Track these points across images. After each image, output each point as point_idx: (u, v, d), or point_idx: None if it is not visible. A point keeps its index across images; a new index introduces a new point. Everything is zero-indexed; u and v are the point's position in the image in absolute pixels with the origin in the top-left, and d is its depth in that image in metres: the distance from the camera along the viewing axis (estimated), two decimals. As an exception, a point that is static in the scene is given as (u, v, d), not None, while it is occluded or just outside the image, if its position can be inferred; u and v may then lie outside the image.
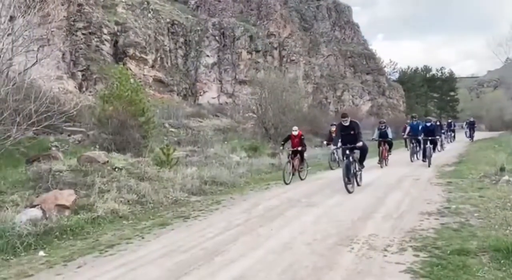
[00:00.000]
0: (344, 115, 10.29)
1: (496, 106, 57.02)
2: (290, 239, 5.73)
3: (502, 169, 10.92)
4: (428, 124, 15.16)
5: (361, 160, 10.43)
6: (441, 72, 66.42)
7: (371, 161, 15.32)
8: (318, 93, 41.09)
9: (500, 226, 5.87)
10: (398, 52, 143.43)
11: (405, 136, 16.84)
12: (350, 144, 9.94)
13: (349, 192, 9.27)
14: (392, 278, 4.18)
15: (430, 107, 64.13)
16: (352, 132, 9.97)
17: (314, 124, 28.67)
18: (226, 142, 20.64)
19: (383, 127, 15.24)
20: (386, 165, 14.84)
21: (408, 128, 16.59)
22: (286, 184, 11.00)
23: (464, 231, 5.78)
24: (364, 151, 10.33)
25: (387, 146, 14.95)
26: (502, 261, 4.46)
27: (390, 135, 15.07)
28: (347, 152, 9.90)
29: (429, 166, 13.92)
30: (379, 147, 14.95)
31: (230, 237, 5.97)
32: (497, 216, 6.53)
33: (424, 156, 14.65)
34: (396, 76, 59.11)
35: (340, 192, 9.36)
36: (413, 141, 16.45)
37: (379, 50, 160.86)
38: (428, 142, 14.42)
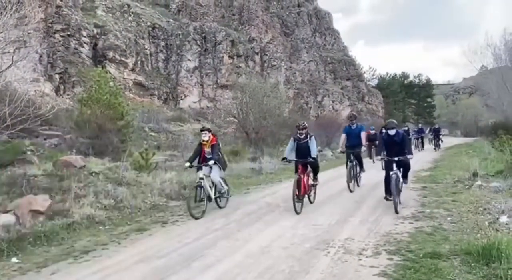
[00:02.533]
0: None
1: (471, 113, 58.64)
2: (268, 243, 5.76)
3: (475, 174, 11.24)
4: (392, 132, 8.19)
5: None
6: (419, 79, 67.98)
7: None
8: (299, 98, 41.41)
9: (471, 230, 6.04)
10: (378, 58, 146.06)
11: (340, 149, 11.30)
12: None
13: None
14: (366, 281, 4.25)
15: (408, 113, 65.44)
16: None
17: (295, 129, 28.81)
18: (206, 147, 20.54)
19: (304, 137, 8.32)
20: (312, 201, 8.65)
21: (343, 137, 10.95)
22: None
23: (437, 235, 5.94)
24: None
25: (309, 171, 8.49)
26: (472, 264, 4.60)
27: (314, 152, 8.14)
28: None
29: (396, 211, 7.48)
30: (296, 172, 8.21)
31: (208, 242, 5.97)
32: (469, 220, 6.74)
33: (388, 191, 8.06)
34: (375, 82, 60.13)
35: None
36: (351, 157, 10.49)
37: (360, 56, 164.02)
38: (394, 166, 7.93)
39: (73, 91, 22.26)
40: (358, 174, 10.90)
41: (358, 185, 10.85)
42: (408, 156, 8.04)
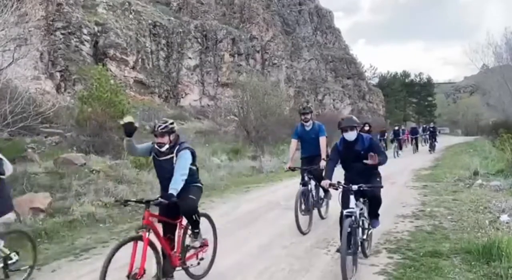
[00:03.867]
0: None
1: (472, 112, 58.63)
2: (268, 242, 5.76)
3: (475, 173, 11.26)
4: (350, 137, 4.68)
5: None
6: (420, 78, 67.95)
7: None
8: (300, 97, 41.33)
9: (472, 229, 6.04)
10: (379, 57, 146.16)
11: (287, 166, 7.04)
12: None
13: None
14: (366, 279, 4.25)
15: (408, 112, 65.41)
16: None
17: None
18: (207, 145, 20.57)
19: (168, 150, 4.12)
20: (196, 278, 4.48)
21: (293, 144, 7.10)
22: None
23: (437, 234, 5.94)
24: None
25: (183, 223, 4.31)
26: (472, 263, 4.59)
27: (178, 182, 3.90)
28: None
29: None
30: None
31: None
32: (470, 219, 6.73)
33: (350, 249, 4.11)
34: (376, 80, 60.09)
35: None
36: (305, 177, 6.55)
37: (361, 55, 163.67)
38: (352, 199, 4.41)
39: (74, 89, 22.22)
40: (320, 203, 6.95)
41: (322, 217, 7.05)
42: (374, 186, 4.59)
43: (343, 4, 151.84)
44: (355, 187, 4.42)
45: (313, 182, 6.59)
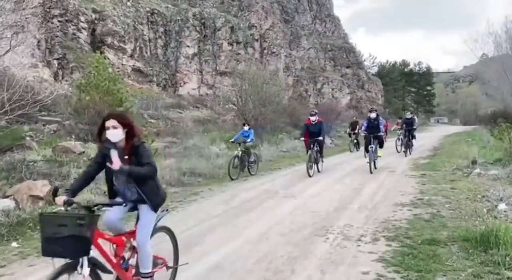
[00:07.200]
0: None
1: (470, 101, 58.71)
2: (267, 229, 5.79)
3: (474, 162, 11.29)
4: None
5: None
6: (419, 67, 67.73)
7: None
8: (299, 86, 41.19)
9: (469, 217, 6.07)
10: (379, 46, 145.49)
11: None
12: None
13: None
14: (364, 267, 4.28)
15: (407, 101, 65.33)
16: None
17: (294, 117, 28.82)
18: (205, 134, 20.55)
19: None
20: None
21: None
22: None
23: (435, 222, 5.97)
24: None
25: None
26: (470, 251, 4.62)
27: None
28: None
29: None
30: None
31: (207, 228, 5.99)
32: (467, 207, 6.76)
33: None
34: (375, 70, 59.89)
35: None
36: None
37: (362, 43, 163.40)
38: None
39: (72, 77, 22.06)
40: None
41: None
42: None
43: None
44: None
45: None
